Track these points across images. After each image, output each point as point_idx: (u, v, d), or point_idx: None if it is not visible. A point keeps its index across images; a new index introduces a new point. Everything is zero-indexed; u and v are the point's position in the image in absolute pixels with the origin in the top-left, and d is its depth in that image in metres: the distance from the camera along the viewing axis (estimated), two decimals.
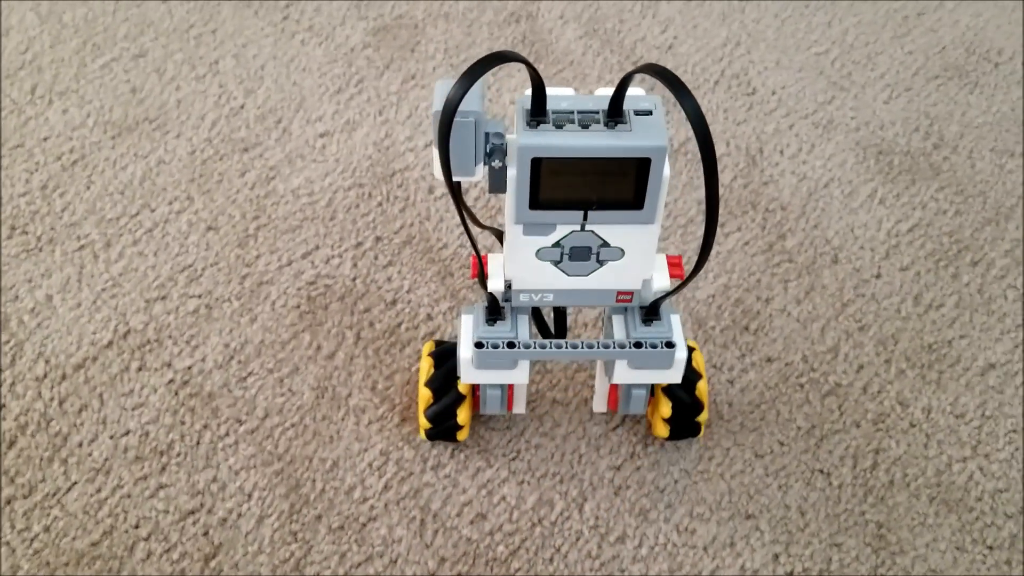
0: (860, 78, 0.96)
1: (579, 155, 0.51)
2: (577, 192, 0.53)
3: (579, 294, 0.59)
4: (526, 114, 0.51)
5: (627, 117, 0.51)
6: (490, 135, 0.52)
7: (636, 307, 0.60)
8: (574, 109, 0.52)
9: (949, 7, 1.04)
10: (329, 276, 0.78)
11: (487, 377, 0.61)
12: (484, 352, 0.59)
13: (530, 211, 0.53)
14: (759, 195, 0.85)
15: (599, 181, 0.52)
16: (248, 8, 1.01)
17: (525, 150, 0.51)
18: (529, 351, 0.59)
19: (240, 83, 0.93)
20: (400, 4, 1.02)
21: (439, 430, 0.66)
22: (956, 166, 0.88)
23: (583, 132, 0.50)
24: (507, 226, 0.55)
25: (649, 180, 0.52)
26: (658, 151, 0.50)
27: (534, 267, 0.57)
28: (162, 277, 0.78)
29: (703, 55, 0.98)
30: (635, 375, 0.61)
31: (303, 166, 0.86)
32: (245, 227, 0.82)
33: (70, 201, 0.83)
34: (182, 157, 0.87)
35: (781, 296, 0.78)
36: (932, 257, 0.81)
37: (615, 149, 0.50)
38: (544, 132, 0.50)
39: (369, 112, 0.91)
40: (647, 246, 0.56)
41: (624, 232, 0.55)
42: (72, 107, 0.90)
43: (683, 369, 0.61)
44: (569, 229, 0.55)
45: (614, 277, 0.58)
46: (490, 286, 0.59)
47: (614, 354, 0.59)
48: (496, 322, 0.60)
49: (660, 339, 0.59)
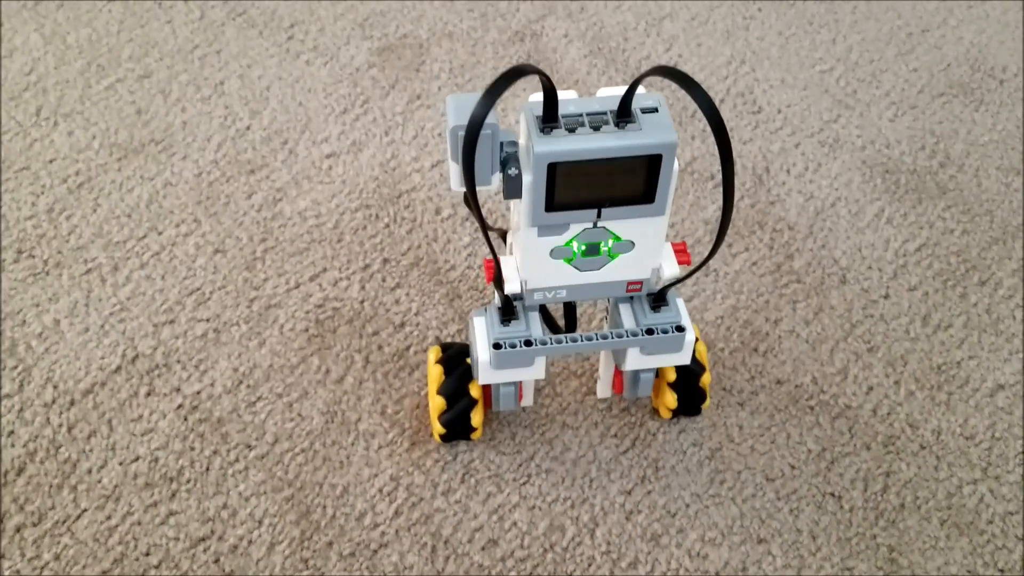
0: (865, 96, 0.96)
1: (595, 157, 0.52)
2: (591, 192, 0.54)
3: (591, 288, 0.60)
4: (537, 121, 0.52)
5: (635, 116, 0.53)
6: (504, 144, 0.53)
7: (644, 295, 0.62)
8: (583, 112, 0.53)
9: (953, 24, 1.04)
10: (337, 299, 0.78)
11: (504, 376, 0.62)
12: (503, 353, 0.60)
13: (546, 214, 0.55)
14: (766, 215, 0.85)
15: (612, 180, 0.54)
16: (252, 29, 1.01)
17: (542, 157, 0.52)
18: (547, 347, 0.61)
19: (246, 104, 0.93)
20: (404, 24, 1.02)
21: (453, 434, 0.68)
22: (962, 185, 0.88)
23: (596, 134, 0.52)
24: (522, 229, 0.56)
25: (660, 174, 0.53)
26: (669, 147, 0.52)
27: (548, 266, 0.58)
28: (170, 301, 0.78)
29: (708, 73, 0.98)
30: (646, 360, 0.63)
31: (310, 188, 0.86)
32: (253, 250, 0.81)
33: (77, 224, 0.83)
34: (188, 179, 0.86)
35: (790, 317, 0.78)
36: (940, 277, 0.81)
37: (629, 148, 0.52)
38: (558, 138, 0.52)
39: (375, 133, 0.91)
40: (657, 236, 0.58)
41: (635, 225, 0.57)
42: (77, 129, 0.90)
43: (692, 351, 0.63)
44: (582, 227, 0.56)
45: (625, 269, 0.59)
46: (507, 289, 0.59)
47: (627, 342, 0.61)
48: (510, 322, 0.61)
49: (670, 324, 0.61)
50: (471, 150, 0.49)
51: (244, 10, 1.03)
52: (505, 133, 0.53)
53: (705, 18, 1.04)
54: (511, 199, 0.55)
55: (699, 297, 0.79)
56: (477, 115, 0.48)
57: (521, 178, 0.53)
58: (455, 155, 0.52)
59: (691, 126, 0.93)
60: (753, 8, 1.05)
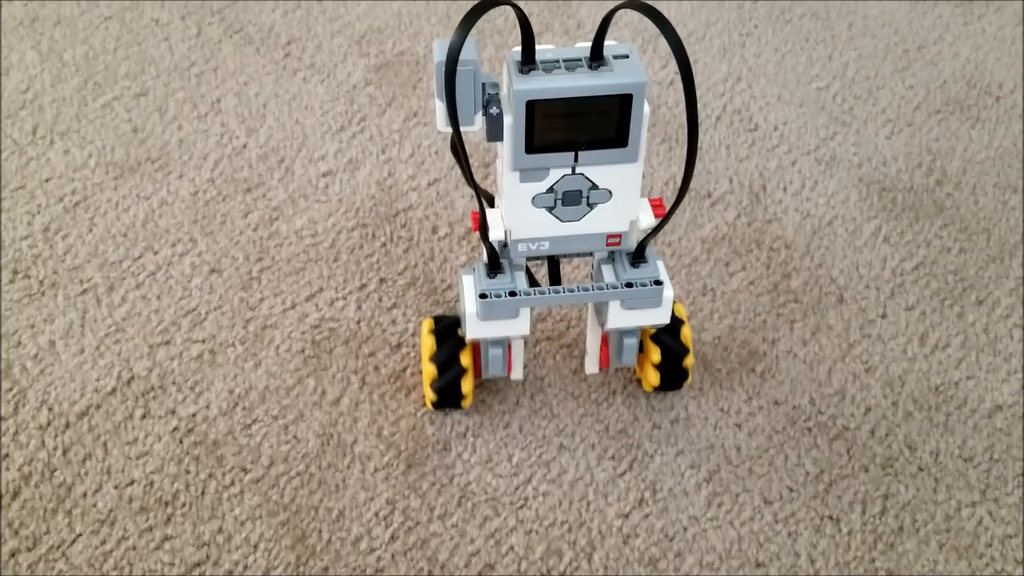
0: (861, 113, 0.96)
1: (569, 95, 0.56)
2: (567, 134, 0.58)
3: (573, 240, 0.64)
4: (517, 65, 0.56)
5: (608, 60, 0.57)
6: (486, 85, 0.57)
7: (624, 253, 0.65)
8: (559, 58, 0.57)
9: (949, 41, 1.05)
10: (333, 319, 0.78)
11: (491, 330, 0.66)
12: (488, 302, 0.63)
13: (526, 155, 0.58)
14: (763, 233, 0.85)
15: (587, 121, 0.58)
16: (249, 46, 1.01)
17: (520, 94, 0.55)
18: (530, 298, 0.64)
19: (242, 122, 0.93)
20: (402, 40, 1.02)
21: (444, 401, 0.70)
22: (959, 202, 0.88)
23: (571, 74, 0.56)
24: (504, 176, 0.60)
25: (632, 116, 0.57)
26: (639, 86, 0.56)
27: (530, 215, 0.62)
28: (165, 322, 0.77)
29: (704, 90, 0.98)
30: (627, 317, 0.66)
31: (306, 206, 0.86)
32: (249, 269, 0.81)
33: (72, 244, 0.82)
34: (184, 198, 0.86)
35: (787, 337, 0.78)
36: (937, 296, 0.81)
37: (601, 88, 0.56)
38: (536, 77, 0.56)
39: (372, 151, 0.91)
40: (632, 186, 0.61)
41: (611, 172, 0.60)
42: (74, 147, 0.90)
43: (671, 309, 0.66)
44: (561, 173, 0.60)
45: (604, 220, 0.63)
46: (492, 236, 0.62)
47: (608, 295, 0.64)
48: (496, 275, 0.65)
49: (648, 279, 0.64)
50: (451, 78, 0.53)
51: (241, 27, 1.03)
52: (488, 76, 0.57)
53: (701, 35, 1.04)
54: (494, 140, 0.59)
55: (696, 317, 0.79)
56: (454, 43, 0.52)
57: (502, 118, 0.57)
58: (440, 93, 0.56)
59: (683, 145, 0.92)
60: (749, 25, 1.05)
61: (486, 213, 0.62)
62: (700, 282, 0.81)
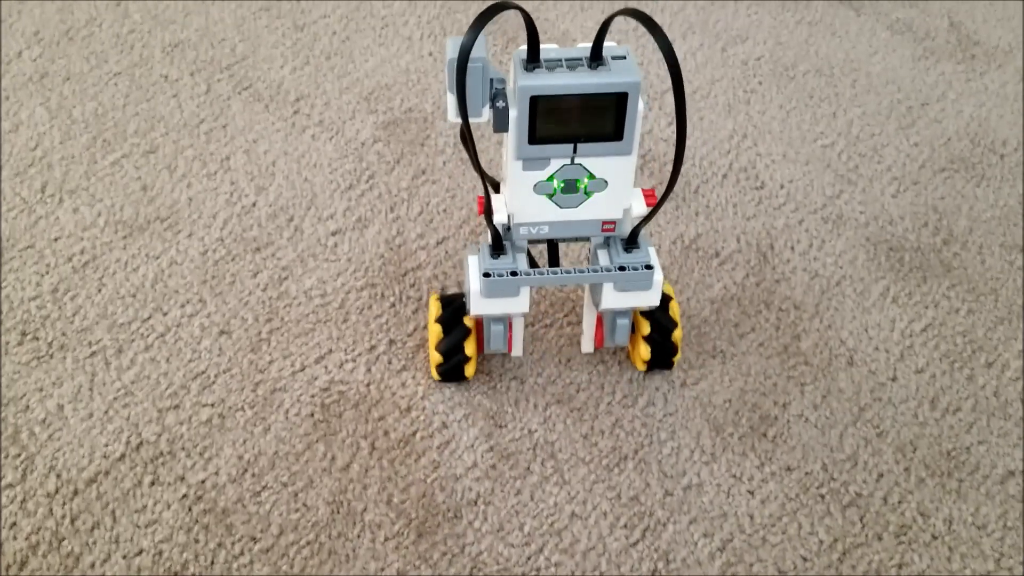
0: (867, 171, 0.97)
1: (570, 92, 0.61)
2: (568, 128, 0.63)
3: (570, 225, 0.69)
4: (522, 63, 0.61)
5: (606, 61, 0.62)
6: (494, 80, 0.62)
7: (618, 238, 0.71)
8: (562, 57, 0.62)
9: (952, 98, 1.06)
10: (343, 382, 0.78)
11: (493, 307, 0.71)
12: (491, 280, 0.68)
13: (529, 146, 0.63)
14: (772, 294, 0.85)
15: (585, 116, 0.62)
16: (259, 103, 1.02)
17: (525, 90, 0.61)
18: (530, 278, 0.69)
19: (251, 180, 0.93)
20: (410, 97, 1.03)
21: (449, 366, 0.75)
22: (966, 262, 0.89)
23: (572, 73, 0.61)
24: (508, 164, 0.65)
25: (627, 113, 0.62)
26: (634, 86, 0.61)
27: (532, 201, 0.67)
28: (175, 385, 0.77)
29: (710, 148, 0.99)
30: (620, 298, 0.71)
31: (315, 266, 0.86)
32: (258, 330, 0.81)
33: (81, 305, 0.82)
34: (194, 257, 0.86)
35: (798, 400, 0.78)
36: (947, 358, 0.81)
37: (600, 86, 0.61)
38: (539, 74, 0.61)
39: (380, 209, 0.92)
40: (626, 176, 0.66)
41: (607, 164, 0.65)
42: (83, 206, 0.90)
43: (660, 291, 0.71)
44: (561, 163, 0.65)
45: (599, 207, 0.68)
46: (496, 220, 0.68)
47: (602, 277, 0.69)
48: (499, 256, 0.70)
49: (640, 263, 0.69)
50: (462, 75, 0.58)
51: (250, 83, 1.03)
52: (496, 72, 0.62)
53: (707, 92, 1.05)
54: (499, 131, 0.64)
55: (707, 380, 0.79)
56: (465, 43, 0.57)
57: (508, 111, 0.62)
58: (451, 86, 0.61)
59: (694, 202, 0.93)
60: (754, 82, 1.06)
61: (491, 198, 0.67)
62: (710, 343, 0.81)
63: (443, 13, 1.13)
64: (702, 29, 1.13)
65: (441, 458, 0.73)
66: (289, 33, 1.09)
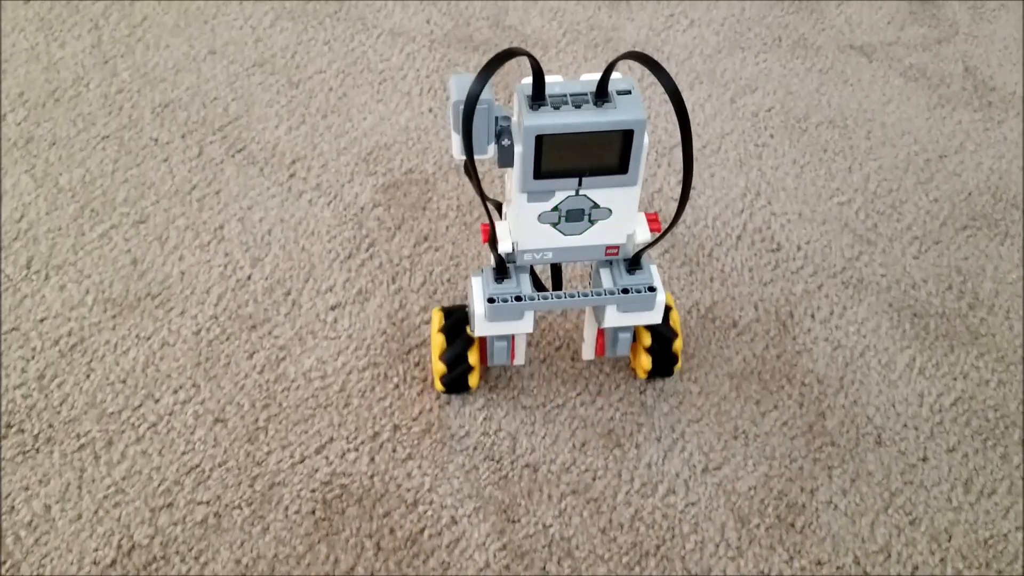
0: (887, 230, 0.93)
1: (576, 131, 0.61)
2: (573, 162, 0.63)
3: (574, 251, 0.69)
4: (527, 99, 0.61)
5: (611, 97, 0.61)
6: (499, 118, 0.62)
7: (621, 259, 0.71)
8: (567, 93, 0.62)
9: (971, 149, 1.02)
10: (345, 474, 0.74)
11: (497, 329, 0.71)
12: (496, 306, 0.69)
13: (534, 180, 0.63)
14: (794, 367, 0.81)
15: (591, 152, 0.62)
16: (253, 166, 0.98)
17: (530, 129, 0.60)
18: (535, 303, 0.69)
19: (246, 250, 0.90)
20: (410, 157, 0.99)
21: (453, 377, 0.75)
22: (994, 328, 0.85)
23: (577, 111, 0.61)
24: (513, 195, 0.65)
25: (632, 148, 0.62)
26: (640, 123, 0.61)
27: (536, 230, 0.67)
28: (168, 480, 0.73)
29: (722, 207, 0.95)
30: (623, 318, 0.71)
31: (314, 344, 0.82)
32: (255, 418, 0.77)
33: (69, 392, 0.78)
34: (187, 338, 0.82)
35: (826, 486, 0.74)
36: (979, 436, 0.77)
37: (605, 124, 0.61)
38: (545, 113, 0.60)
39: (381, 279, 0.88)
40: (631, 205, 0.66)
41: (611, 194, 0.65)
42: (70, 282, 0.86)
43: (663, 310, 0.72)
44: (565, 195, 0.65)
45: (603, 234, 0.68)
46: (500, 248, 0.68)
47: (605, 300, 0.70)
48: (503, 280, 0.70)
49: (643, 285, 0.70)
50: (469, 120, 0.58)
51: (244, 145, 1.00)
52: (500, 109, 0.62)
53: (716, 146, 1.02)
54: (504, 167, 0.64)
55: (729, 464, 0.75)
56: (473, 90, 0.57)
57: (513, 148, 0.62)
58: (456, 127, 0.61)
59: (708, 266, 0.89)
60: (765, 135, 1.03)
61: (495, 226, 0.68)
62: (731, 423, 0.78)
63: (442, 66, 1.09)
64: (709, 79, 1.09)
65: (451, 558, 0.69)
66: (284, 90, 1.06)
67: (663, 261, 0.90)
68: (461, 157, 0.62)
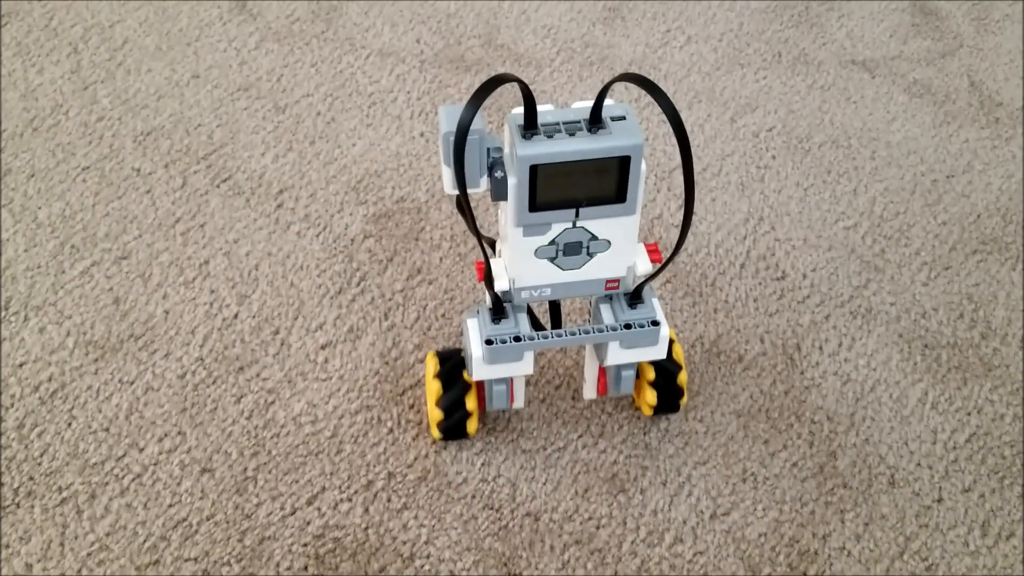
0: (895, 256, 0.91)
1: (571, 159, 0.58)
2: (569, 192, 0.61)
3: (573, 286, 0.67)
4: (519, 129, 0.59)
5: (606, 123, 0.59)
6: (491, 150, 0.59)
7: (621, 294, 0.68)
8: (559, 121, 0.60)
9: (979, 168, 0.99)
10: (338, 526, 0.71)
11: (496, 372, 0.68)
12: (495, 348, 0.66)
13: (529, 213, 0.61)
14: (802, 404, 0.79)
15: (587, 181, 0.60)
16: (239, 197, 0.94)
17: (524, 159, 0.58)
18: (535, 343, 0.67)
19: (233, 287, 0.86)
20: (401, 185, 0.96)
21: (451, 423, 0.72)
22: (1007, 359, 0.82)
23: (572, 139, 0.58)
24: (508, 230, 0.63)
25: (630, 175, 0.60)
26: (636, 148, 0.59)
27: (533, 265, 0.65)
28: (154, 536, 0.70)
29: (725, 234, 0.92)
30: (625, 355, 0.69)
31: (304, 386, 0.79)
32: (243, 467, 0.74)
33: (49, 443, 0.75)
34: (172, 382, 0.79)
35: (839, 531, 0.71)
36: (995, 474, 0.74)
37: (601, 150, 0.59)
38: (538, 142, 0.58)
39: (374, 316, 0.85)
40: (630, 235, 0.64)
41: (610, 224, 0.63)
42: (50, 324, 0.83)
43: (667, 345, 0.70)
44: (562, 227, 0.63)
45: (603, 267, 0.66)
46: (497, 287, 0.65)
47: (607, 336, 0.67)
48: (500, 320, 0.67)
49: (646, 319, 0.68)
50: (461, 151, 0.56)
51: (229, 175, 0.96)
52: (492, 139, 0.60)
53: (717, 169, 0.99)
54: (498, 200, 0.62)
55: (738, 509, 0.72)
56: (464, 119, 0.55)
57: (507, 180, 0.60)
58: (447, 159, 0.58)
59: (711, 296, 0.86)
60: (767, 156, 1.00)
61: (491, 264, 0.65)
62: (739, 465, 0.75)
63: (433, 88, 1.06)
64: (708, 97, 1.06)
65: None
66: (270, 116, 1.02)
67: (664, 292, 0.87)
68: (453, 191, 0.60)
